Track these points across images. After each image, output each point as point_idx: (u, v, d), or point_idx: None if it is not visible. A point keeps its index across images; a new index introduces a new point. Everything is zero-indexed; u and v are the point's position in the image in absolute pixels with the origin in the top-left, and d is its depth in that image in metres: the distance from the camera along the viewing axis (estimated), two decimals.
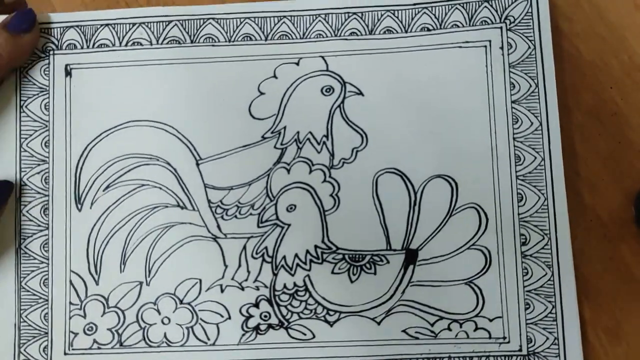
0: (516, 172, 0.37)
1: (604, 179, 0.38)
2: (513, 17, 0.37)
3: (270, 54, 0.38)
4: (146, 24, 0.39)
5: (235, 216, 0.38)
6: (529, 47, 0.37)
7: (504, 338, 0.36)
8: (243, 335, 0.37)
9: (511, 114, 0.37)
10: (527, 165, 0.37)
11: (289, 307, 0.37)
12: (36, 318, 0.37)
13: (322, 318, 0.37)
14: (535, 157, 0.37)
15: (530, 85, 0.37)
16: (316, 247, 0.37)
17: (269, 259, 0.37)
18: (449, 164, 0.37)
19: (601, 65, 0.39)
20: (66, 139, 0.38)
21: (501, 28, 0.37)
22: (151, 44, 0.39)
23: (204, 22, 0.39)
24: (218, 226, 0.37)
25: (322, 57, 0.38)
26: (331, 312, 0.37)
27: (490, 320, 0.36)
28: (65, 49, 0.39)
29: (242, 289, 0.37)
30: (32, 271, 0.37)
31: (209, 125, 0.38)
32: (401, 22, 0.38)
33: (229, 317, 0.37)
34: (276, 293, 0.37)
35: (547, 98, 0.37)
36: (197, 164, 0.38)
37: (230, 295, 0.37)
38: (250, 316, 0.37)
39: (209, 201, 0.38)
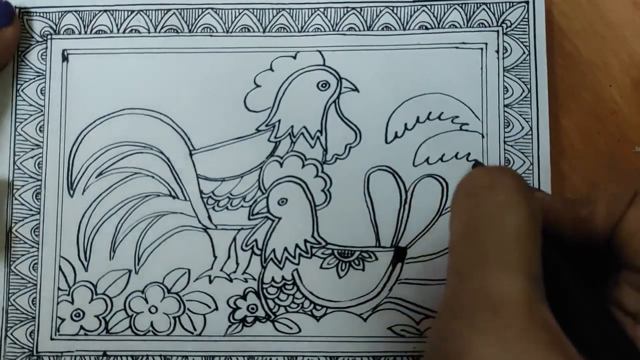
0: None
1: (603, 178, 0.40)
2: (510, 21, 0.40)
3: (268, 46, 0.41)
4: (144, 11, 0.42)
5: (227, 208, 0.41)
6: (524, 53, 0.40)
7: None
8: (229, 326, 0.40)
9: (503, 118, 0.40)
10: (516, 169, 0.39)
11: (276, 300, 0.40)
12: (24, 302, 0.40)
13: (309, 312, 0.40)
14: (524, 161, 0.40)
15: (523, 90, 0.40)
16: (306, 241, 0.40)
17: (258, 252, 0.40)
18: (440, 164, 0.40)
19: (600, 64, 0.41)
20: (61, 125, 0.41)
21: (498, 31, 0.40)
22: (149, 32, 0.42)
23: (202, 12, 0.42)
24: (209, 217, 0.41)
25: (319, 52, 0.41)
26: (318, 307, 0.40)
27: None
28: (63, 34, 0.42)
29: (231, 280, 0.40)
30: (22, 255, 0.40)
31: (203, 116, 0.41)
32: (400, 19, 0.41)
33: (216, 308, 0.40)
34: (264, 286, 0.40)
35: (539, 104, 0.40)
36: (191, 154, 0.41)
37: (219, 287, 0.40)
38: (238, 308, 0.40)
39: (201, 192, 0.41)
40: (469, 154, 0.40)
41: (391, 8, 0.41)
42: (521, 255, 0.24)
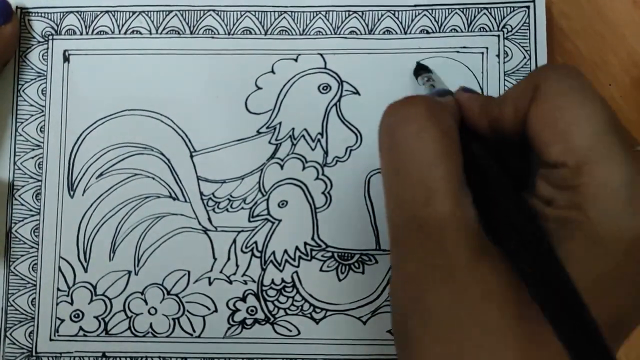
0: None
1: None
2: (511, 26, 0.41)
3: (269, 48, 0.42)
4: (146, 12, 0.42)
5: (227, 209, 0.41)
6: (524, 57, 0.41)
7: None
8: (229, 328, 0.40)
9: None
10: None
11: (275, 302, 0.40)
12: (23, 303, 0.40)
13: (309, 315, 0.40)
14: None
15: None
16: (306, 244, 0.40)
17: (258, 254, 0.41)
18: None
19: (600, 63, 0.42)
20: (61, 125, 0.41)
21: (499, 36, 0.41)
22: (150, 33, 0.42)
23: (204, 14, 0.42)
24: (209, 219, 0.41)
25: (321, 55, 0.41)
26: (317, 310, 0.40)
27: None
28: (65, 34, 0.42)
29: (230, 282, 0.40)
30: (22, 255, 0.41)
31: (204, 118, 0.41)
32: (401, 23, 0.41)
33: (216, 310, 0.40)
34: (264, 288, 0.40)
35: None
36: (191, 156, 0.41)
37: (218, 289, 0.40)
38: (237, 310, 0.40)
39: (201, 193, 0.41)
40: None
41: (392, 12, 0.41)
42: (440, 177, 0.26)
